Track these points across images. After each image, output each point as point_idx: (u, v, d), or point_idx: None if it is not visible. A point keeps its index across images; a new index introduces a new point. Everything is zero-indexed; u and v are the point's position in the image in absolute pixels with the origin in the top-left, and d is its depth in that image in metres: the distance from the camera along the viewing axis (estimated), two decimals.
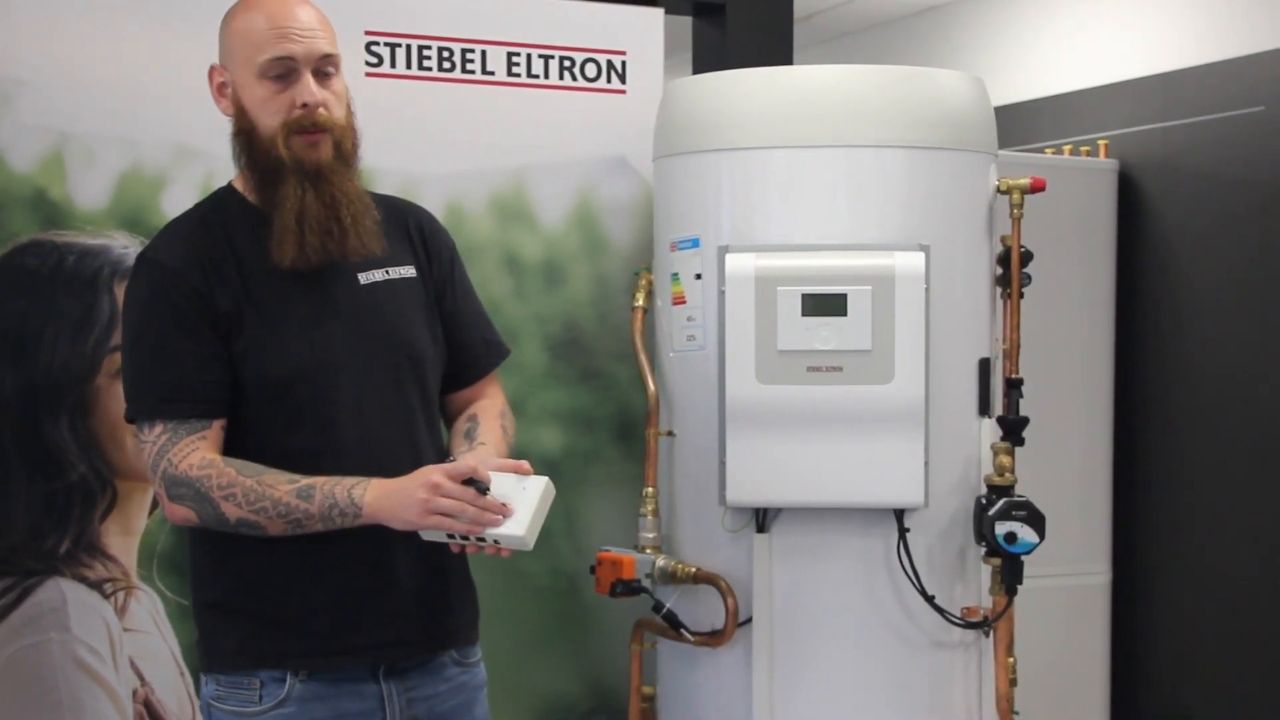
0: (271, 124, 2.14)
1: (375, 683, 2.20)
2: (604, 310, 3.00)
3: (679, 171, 2.75)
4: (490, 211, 2.90)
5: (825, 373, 2.56)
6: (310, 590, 2.16)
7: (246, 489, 2.07)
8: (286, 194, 2.13)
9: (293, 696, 2.15)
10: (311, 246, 2.13)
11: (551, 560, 2.94)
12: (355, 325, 2.19)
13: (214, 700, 2.20)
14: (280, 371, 2.14)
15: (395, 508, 2.07)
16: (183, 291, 2.12)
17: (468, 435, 2.30)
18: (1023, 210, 2.71)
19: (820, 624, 2.63)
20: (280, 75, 2.13)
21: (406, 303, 2.26)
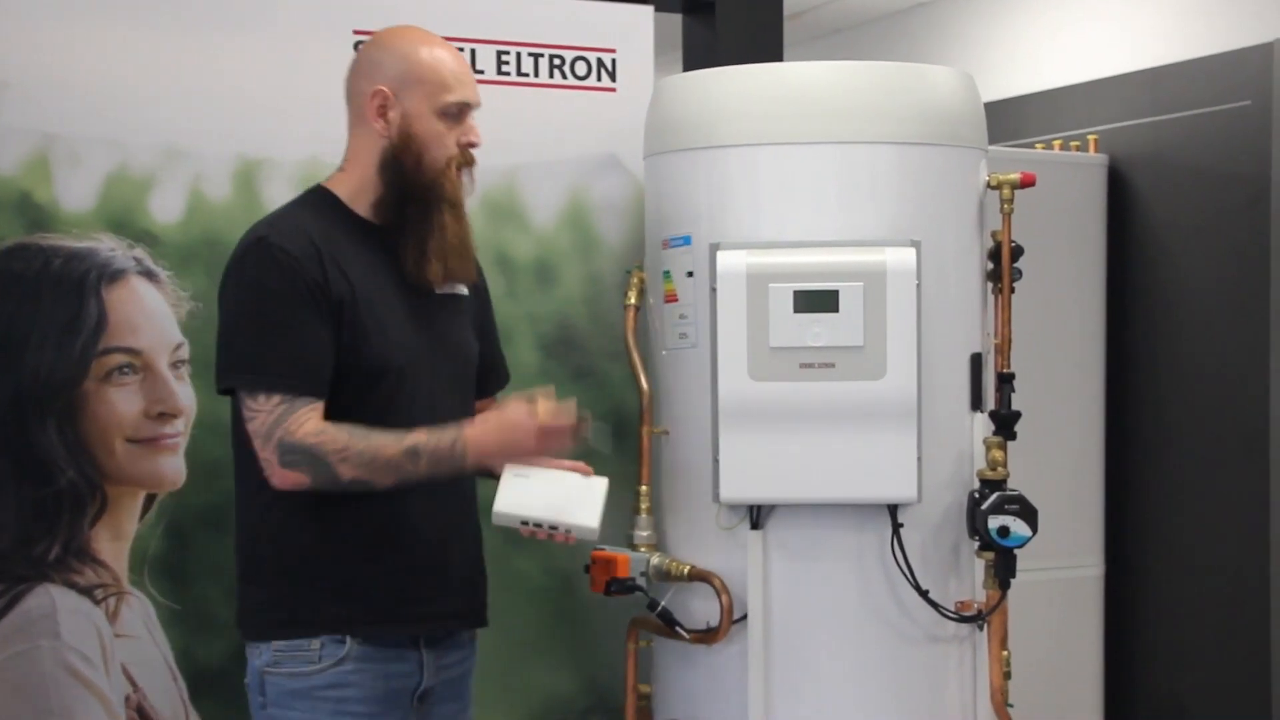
0: (441, 156, 2.35)
1: (416, 649, 2.38)
2: (596, 309, 2.99)
3: (670, 169, 2.74)
4: (481, 211, 2.87)
5: (817, 369, 2.55)
6: (378, 562, 2.32)
7: (359, 451, 2.24)
8: (441, 222, 2.35)
9: (351, 657, 2.31)
10: (454, 271, 2.38)
11: (546, 559, 2.93)
12: (432, 331, 2.40)
13: (270, 667, 2.32)
14: (377, 364, 2.31)
15: (500, 451, 2.32)
16: (306, 276, 2.27)
17: None
18: (1013, 205, 2.71)
19: (815, 620, 2.63)
20: (455, 116, 2.36)
21: (463, 315, 2.49)
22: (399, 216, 2.36)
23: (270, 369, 2.25)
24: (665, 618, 2.65)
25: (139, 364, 2.63)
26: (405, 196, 2.35)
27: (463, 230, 2.39)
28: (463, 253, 2.39)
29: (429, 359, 2.38)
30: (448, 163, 2.36)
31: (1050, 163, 4.01)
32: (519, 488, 2.36)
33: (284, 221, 2.35)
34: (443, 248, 2.36)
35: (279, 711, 2.31)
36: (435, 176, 2.35)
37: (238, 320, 2.30)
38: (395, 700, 2.35)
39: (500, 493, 2.36)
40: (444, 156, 2.35)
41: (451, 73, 2.37)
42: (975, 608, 2.67)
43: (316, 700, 2.30)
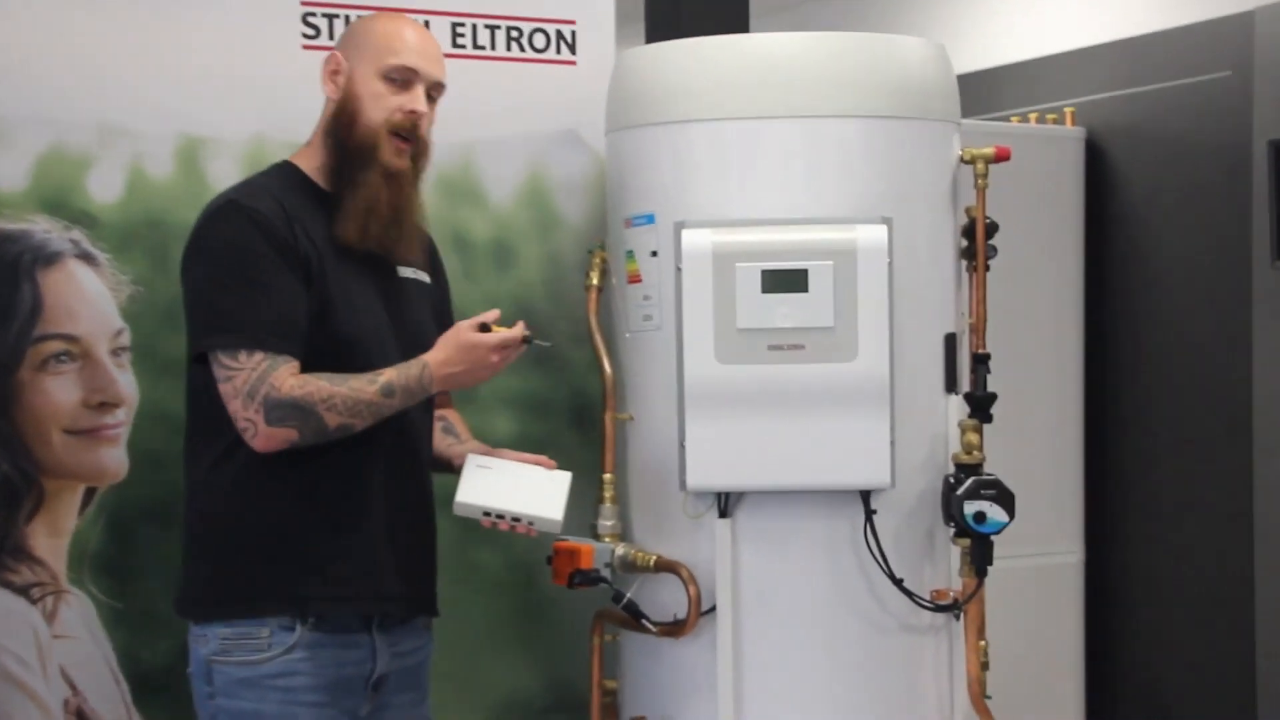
0: (377, 117, 2.41)
1: (368, 634, 2.41)
2: (557, 291, 2.98)
3: (632, 145, 2.74)
4: (436, 189, 2.86)
5: (786, 351, 2.56)
6: (333, 537, 2.36)
7: (343, 397, 2.30)
8: (367, 180, 2.39)
9: (301, 644, 2.34)
10: (372, 233, 2.40)
11: (506, 551, 2.93)
12: (393, 311, 2.46)
13: (217, 656, 2.34)
14: (341, 335, 2.37)
15: (465, 377, 2.41)
16: (279, 235, 2.33)
17: (447, 431, 2.63)
18: (987, 180, 2.71)
19: (786, 610, 2.63)
20: (399, 81, 2.42)
21: (424, 301, 2.55)
22: (339, 181, 2.42)
23: (250, 326, 2.29)
24: (631, 610, 2.65)
25: (77, 351, 2.61)
26: (343, 159, 2.42)
27: (400, 201, 2.42)
28: (397, 224, 2.43)
29: (389, 338, 2.43)
30: (383, 126, 2.39)
31: (1025, 136, 4.03)
32: (481, 478, 2.41)
33: (250, 187, 2.42)
34: (365, 210, 2.39)
35: (227, 701, 2.34)
36: (369, 138, 2.40)
37: (212, 281, 2.33)
38: (347, 687, 2.38)
39: (462, 483, 2.39)
40: (379, 118, 2.40)
41: (403, 40, 2.43)
42: (951, 596, 2.68)
43: (265, 689, 2.32)
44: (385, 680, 2.44)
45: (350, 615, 2.38)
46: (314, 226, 2.39)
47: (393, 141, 2.41)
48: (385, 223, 2.41)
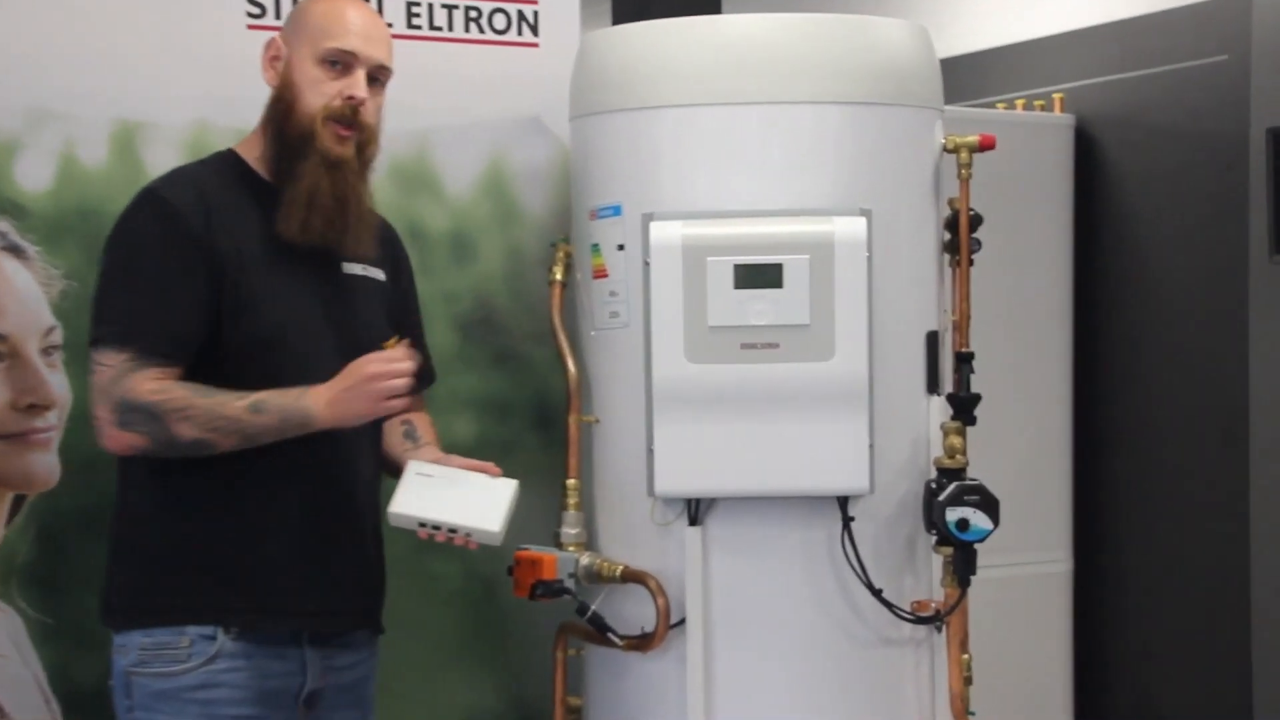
0: (314, 104, 2.40)
1: (298, 647, 2.41)
2: (518, 286, 2.98)
3: (598, 132, 2.73)
4: (390, 179, 2.85)
5: (760, 350, 2.55)
6: (259, 548, 2.36)
7: (202, 409, 2.28)
8: (305, 171, 2.38)
9: (223, 654, 2.34)
10: (314, 228, 2.39)
11: (464, 561, 2.90)
12: (334, 306, 2.45)
13: (135, 667, 2.36)
14: (263, 333, 2.35)
15: (344, 410, 2.32)
16: (187, 233, 2.33)
17: (407, 435, 2.60)
18: (971, 170, 2.71)
19: (759, 623, 2.63)
20: (337, 64, 2.40)
21: (375, 299, 2.53)
22: (279, 172, 2.42)
23: (124, 323, 2.30)
24: (596, 623, 2.64)
25: (5, 350, 2.58)
26: (282, 149, 2.41)
27: (344, 192, 2.41)
28: (341, 216, 2.41)
29: (326, 337, 2.42)
30: (320, 113, 2.39)
31: (1012, 124, 4.06)
32: (419, 487, 2.39)
33: (177, 175, 2.43)
34: (306, 202, 2.38)
35: (144, 715, 2.35)
36: (307, 126, 2.39)
37: (106, 273, 2.36)
38: (273, 702, 2.38)
39: (398, 491, 2.39)
40: (316, 105, 2.39)
41: (343, 22, 2.42)
42: (933, 607, 2.68)
43: (184, 702, 2.33)
44: (319, 696, 2.44)
45: (276, 627, 2.38)
46: (242, 220, 2.39)
47: (332, 129, 2.40)
48: (328, 215, 2.40)
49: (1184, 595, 4.02)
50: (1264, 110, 3.70)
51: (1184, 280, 4.01)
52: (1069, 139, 4.13)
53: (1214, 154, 3.89)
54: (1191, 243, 3.98)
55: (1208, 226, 3.94)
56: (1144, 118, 4.06)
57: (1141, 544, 4.12)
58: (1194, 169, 3.96)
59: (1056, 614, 4.14)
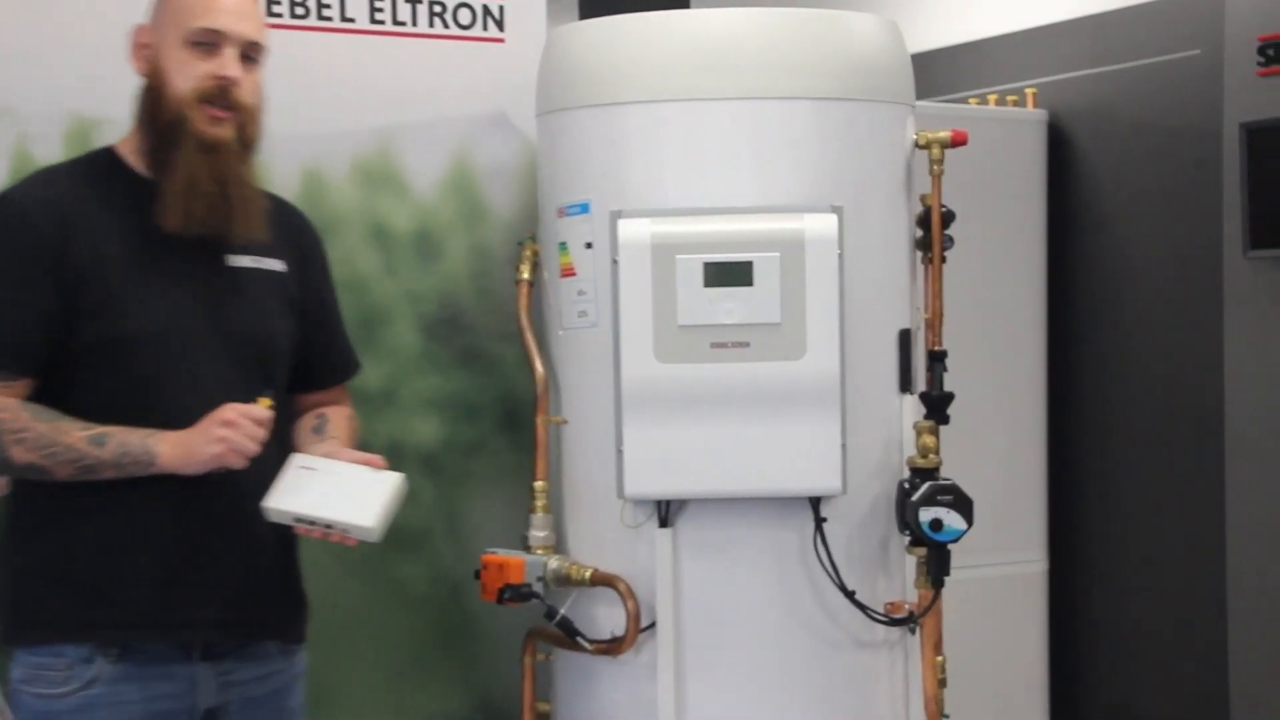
0: (183, 87, 2.34)
1: (187, 664, 2.35)
2: (485, 285, 2.99)
3: (565, 129, 2.74)
4: (354, 177, 2.87)
5: (730, 349, 2.56)
6: (127, 560, 2.31)
7: (39, 434, 2.25)
8: (180, 159, 2.32)
9: (102, 678, 2.30)
10: (197, 216, 2.33)
11: (431, 565, 2.93)
12: (214, 303, 2.38)
13: (21, 683, 2.33)
14: (124, 336, 2.29)
15: (189, 449, 2.27)
16: (31, 239, 2.28)
17: (316, 430, 2.52)
18: (943, 166, 2.73)
19: (731, 626, 2.64)
20: (205, 45, 2.35)
21: (267, 294, 2.45)
22: (156, 164, 2.37)
23: None
24: (565, 627, 2.66)
25: None
26: (156, 139, 2.36)
27: (224, 175, 2.35)
28: (224, 202, 2.35)
29: (206, 336, 2.36)
30: (191, 96, 2.33)
31: (984, 119, 4.05)
32: (299, 481, 2.36)
33: (37, 178, 2.41)
34: (185, 191, 2.33)
35: None
36: (178, 111, 2.33)
37: None
38: None
39: (276, 485, 2.34)
40: (186, 88, 2.33)
41: (207, 1, 2.36)
42: (906, 609, 2.70)
43: None
44: (223, 712, 2.39)
45: (158, 644, 2.33)
46: (108, 219, 2.33)
47: (205, 111, 2.34)
48: (210, 201, 2.34)
49: (1160, 594, 4.02)
50: (1237, 105, 3.70)
51: (1158, 276, 4.02)
52: (1042, 134, 4.13)
53: (1187, 149, 3.90)
54: (1165, 239, 3.99)
55: (1182, 222, 3.95)
56: (1117, 113, 4.07)
57: (1117, 543, 4.12)
58: (1167, 164, 3.97)
59: (1032, 614, 4.13)
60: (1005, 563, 4.05)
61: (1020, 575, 4.11)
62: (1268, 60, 3.65)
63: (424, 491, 2.93)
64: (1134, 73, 4.03)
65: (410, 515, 2.88)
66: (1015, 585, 4.10)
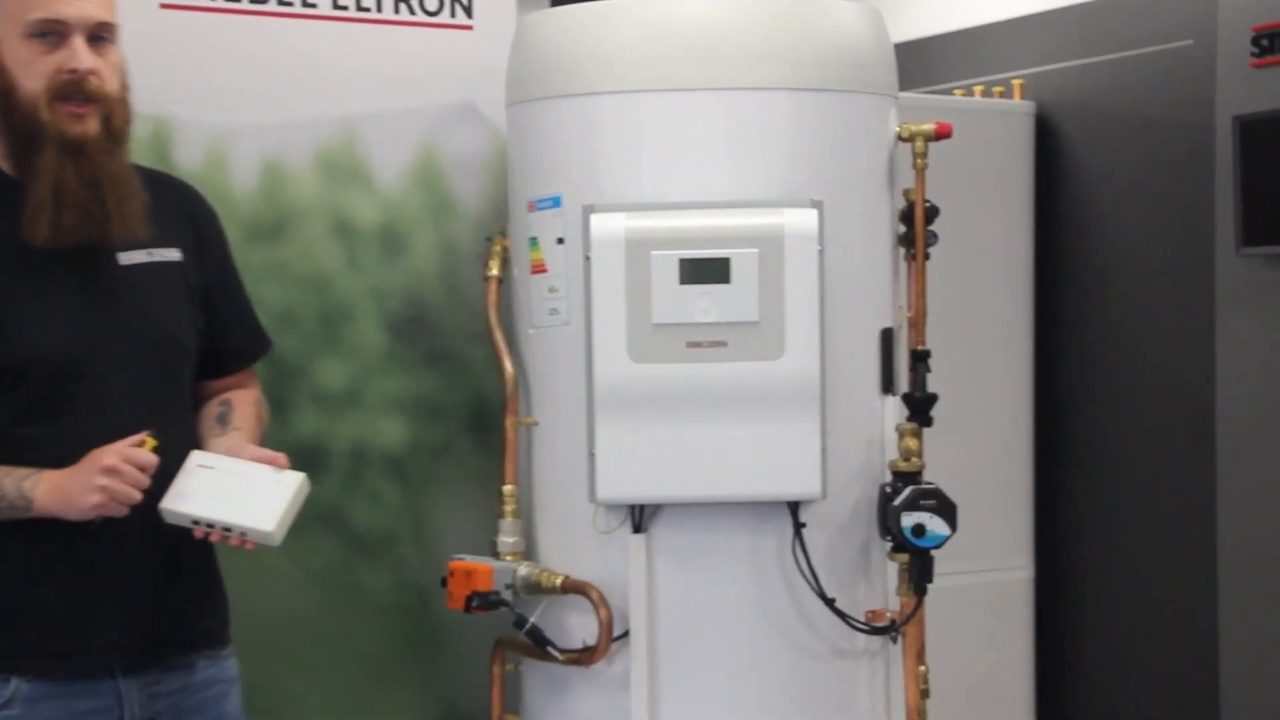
0: (33, 87, 2.24)
1: (111, 679, 2.32)
2: (452, 282, 2.98)
3: (536, 120, 2.74)
4: (316, 169, 2.86)
5: (707, 348, 2.57)
6: (35, 587, 2.27)
7: None
8: (44, 165, 2.23)
9: (18, 698, 2.26)
10: (67, 226, 2.24)
11: (396, 572, 2.93)
12: (111, 309, 2.31)
13: None
14: (18, 355, 2.23)
15: (68, 497, 2.20)
16: None
17: (220, 420, 2.46)
18: (927, 160, 2.74)
19: (707, 635, 2.65)
20: (49, 36, 2.24)
21: (168, 286, 2.38)
22: (20, 168, 2.28)
23: None
24: (535, 636, 2.65)
25: None
26: (15, 143, 2.27)
27: (95, 175, 2.25)
28: (98, 203, 2.25)
29: (105, 343, 2.29)
30: (43, 95, 2.23)
31: (970, 111, 4.07)
32: (196, 481, 2.31)
33: None
34: (52, 198, 2.23)
35: None
36: (33, 114, 2.24)
37: None
38: None
39: (173, 486, 2.30)
40: (36, 87, 2.23)
41: None
42: (888, 617, 2.70)
43: None
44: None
45: (64, 671, 2.28)
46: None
47: (63, 109, 2.23)
48: (83, 208, 2.24)
49: (1150, 602, 4.05)
50: (1230, 97, 3.72)
51: (1149, 274, 4.04)
52: (1029, 127, 4.16)
53: (1179, 143, 3.92)
54: (1156, 235, 4.01)
55: (1173, 218, 3.97)
56: (1107, 105, 4.09)
57: (1105, 549, 4.14)
58: (1159, 158, 3.99)
59: (1017, 623, 4.16)
60: (990, 569, 4.08)
61: (1006, 582, 4.14)
62: (1262, 51, 3.67)
63: (389, 495, 2.93)
64: (1124, 63, 4.04)
65: (375, 520, 2.93)
66: (1000, 592, 4.13)
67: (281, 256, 2.84)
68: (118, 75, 2.30)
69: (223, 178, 2.79)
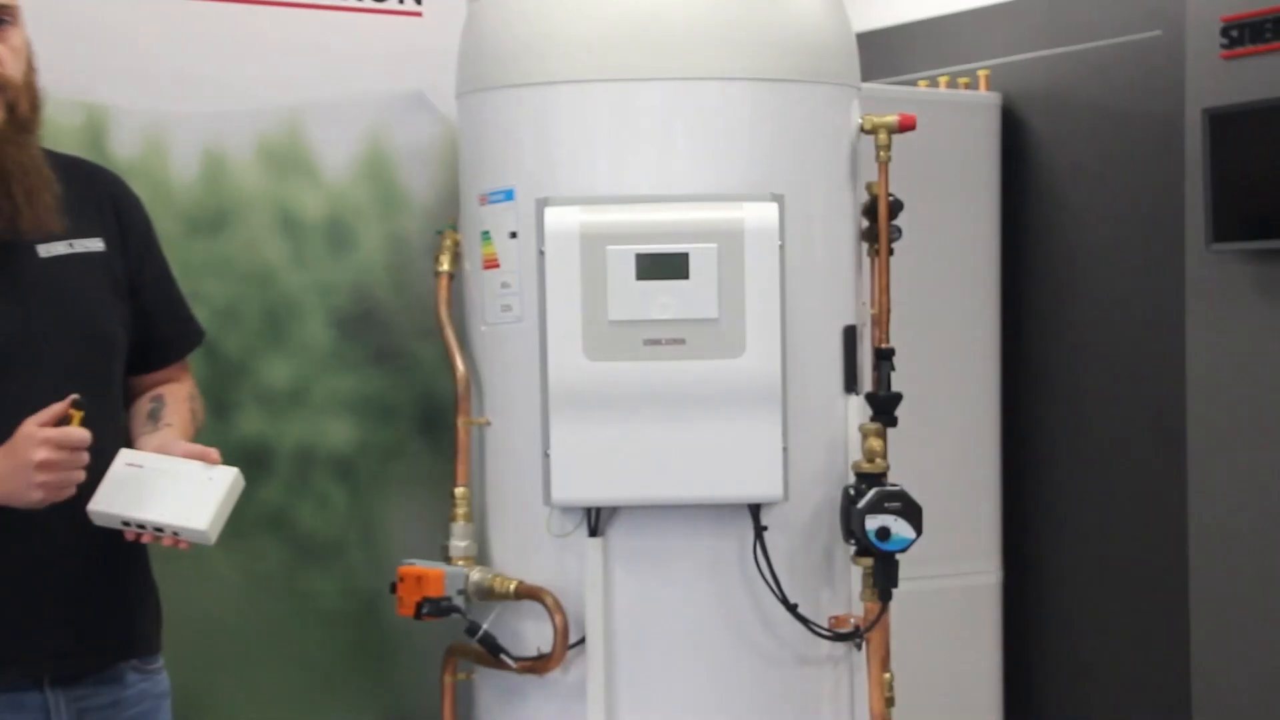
0: None
1: (39, 691, 2.29)
2: (401, 278, 2.98)
3: (488, 109, 2.74)
4: (259, 159, 2.85)
5: (665, 346, 2.57)
6: None
7: None
8: None
9: None
10: None
11: (344, 578, 2.92)
12: (32, 304, 2.26)
13: None
14: None
15: (9, 493, 2.16)
16: None
17: (152, 416, 2.42)
18: (891, 152, 2.75)
19: (666, 642, 2.65)
20: None
21: (92, 278, 2.34)
22: None
23: None
24: (488, 644, 2.65)
25: None
26: None
27: (3, 167, 2.19)
28: (6, 197, 2.20)
29: (28, 340, 2.25)
30: None
31: (934, 102, 4.10)
32: (125, 480, 2.28)
33: None
34: None
35: None
36: None
37: None
38: None
39: (101, 486, 2.27)
40: None
41: None
42: (852, 623, 2.71)
43: None
44: None
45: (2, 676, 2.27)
46: None
47: None
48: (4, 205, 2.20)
49: (1120, 606, 4.07)
50: (1200, 89, 3.76)
51: (1117, 270, 4.07)
52: (995, 118, 4.19)
53: (1148, 135, 3.96)
54: (1125, 230, 4.05)
55: (1142, 213, 4.01)
56: (1074, 96, 4.11)
57: (1074, 552, 4.17)
58: (1127, 151, 4.02)
59: (985, 628, 4.19)
60: (957, 573, 4.10)
61: (973, 587, 4.16)
62: (1232, 42, 3.69)
63: (337, 498, 2.92)
64: (1092, 54, 4.07)
65: (322, 524, 2.93)
66: (968, 597, 4.15)
67: (223, 250, 2.83)
68: (21, 59, 2.23)
69: (161, 167, 2.77)
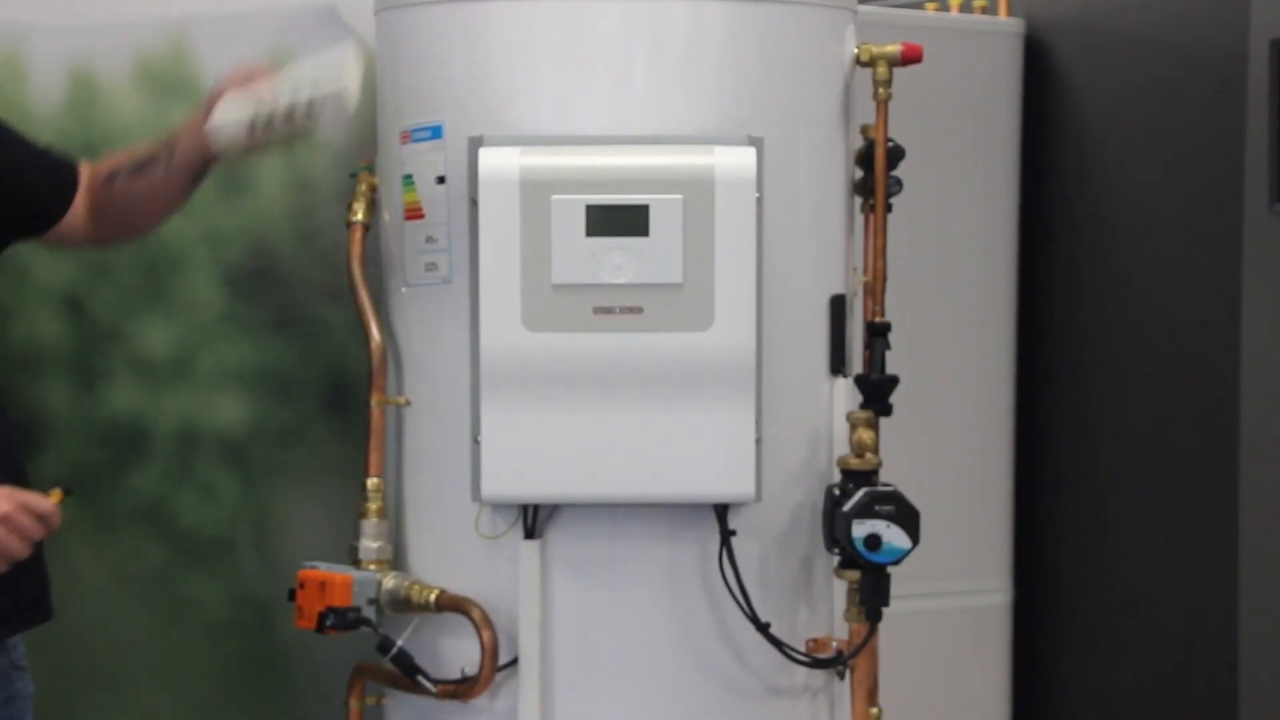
0: None
1: None
2: (306, 228, 3.00)
3: (412, 28, 2.75)
4: (137, 82, 2.87)
5: (619, 315, 2.60)
6: None
7: None
8: None
9: None
10: None
11: (233, 583, 2.94)
12: None
13: None
14: None
15: None
16: None
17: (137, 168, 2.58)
18: (891, 89, 2.77)
19: (612, 665, 2.69)
20: None
21: None
22: None
23: None
24: (402, 663, 2.68)
25: None
26: None
27: None
28: None
29: None
30: None
31: (944, 30, 4.04)
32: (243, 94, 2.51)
33: None
34: None
35: None
36: None
37: None
38: None
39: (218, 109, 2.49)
40: None
41: None
42: (834, 647, 2.75)
43: None
44: None
45: None
46: None
47: None
48: None
49: (1153, 633, 4.00)
50: (1267, 16, 3.66)
51: (1160, 236, 3.99)
52: (1017, 49, 4.10)
53: (1201, 73, 3.85)
54: (1170, 187, 3.95)
55: (1192, 166, 3.89)
56: (1111, 25, 4.01)
57: (1098, 569, 4.09)
58: (1176, 92, 3.93)
59: (992, 654, 4.15)
60: (959, 591, 4.06)
61: (978, 607, 4.11)
62: None
63: (225, 489, 2.95)
64: None
65: (207, 519, 2.92)
66: (972, 619, 4.10)
67: None
68: None
69: (17, 88, 2.80)
